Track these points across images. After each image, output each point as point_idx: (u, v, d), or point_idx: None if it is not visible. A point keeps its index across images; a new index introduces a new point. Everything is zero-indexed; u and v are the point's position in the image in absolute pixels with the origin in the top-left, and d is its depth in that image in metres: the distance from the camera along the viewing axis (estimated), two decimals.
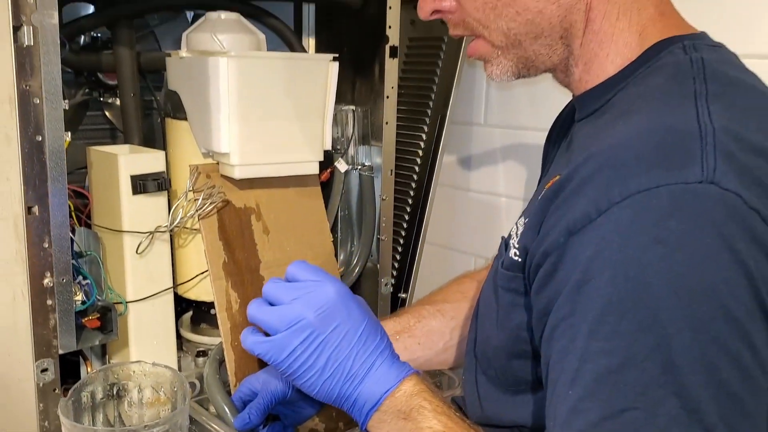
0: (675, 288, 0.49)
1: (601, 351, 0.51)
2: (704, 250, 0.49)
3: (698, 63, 0.61)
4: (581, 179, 0.55)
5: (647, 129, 0.56)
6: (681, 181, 0.51)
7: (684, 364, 0.48)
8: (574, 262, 0.53)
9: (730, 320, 0.49)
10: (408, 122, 1.44)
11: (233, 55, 1.02)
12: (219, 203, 1.10)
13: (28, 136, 0.88)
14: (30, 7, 0.85)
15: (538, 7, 0.66)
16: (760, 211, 0.51)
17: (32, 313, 0.91)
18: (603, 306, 0.51)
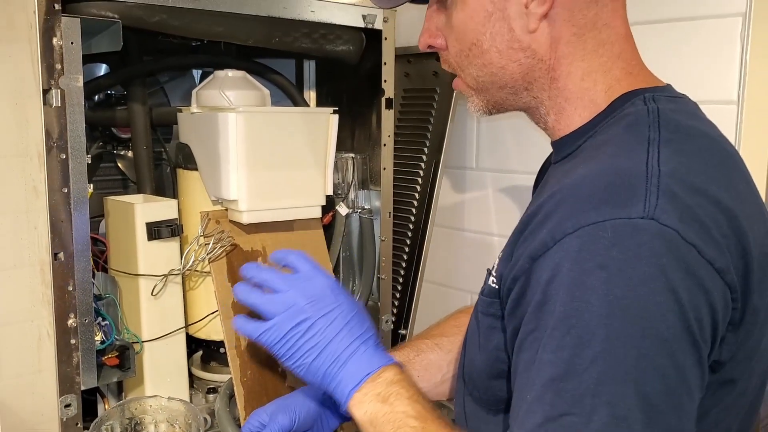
0: (612, 309, 0.55)
1: (550, 361, 0.57)
2: (640, 277, 0.55)
3: (654, 113, 0.68)
4: (545, 213, 0.63)
5: (601, 170, 0.63)
6: (625, 216, 0.57)
7: (615, 376, 0.54)
8: (536, 284, 0.60)
9: (659, 341, 0.55)
10: (404, 167, 1.53)
11: (241, 110, 1.11)
12: (228, 247, 1.18)
13: (55, 189, 0.96)
14: (58, 72, 0.95)
15: (501, 64, 0.74)
16: (696, 246, 0.57)
17: (57, 352, 0.98)
18: (554, 322, 0.58)
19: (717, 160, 0.66)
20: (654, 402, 0.55)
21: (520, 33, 0.73)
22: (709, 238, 0.58)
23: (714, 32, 1.13)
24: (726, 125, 1.13)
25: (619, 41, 0.73)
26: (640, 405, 0.54)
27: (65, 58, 0.95)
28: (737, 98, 1.11)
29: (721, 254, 0.59)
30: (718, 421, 0.66)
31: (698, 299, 0.57)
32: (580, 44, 0.72)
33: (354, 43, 1.31)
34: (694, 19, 1.15)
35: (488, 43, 0.74)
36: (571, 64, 0.73)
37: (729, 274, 0.59)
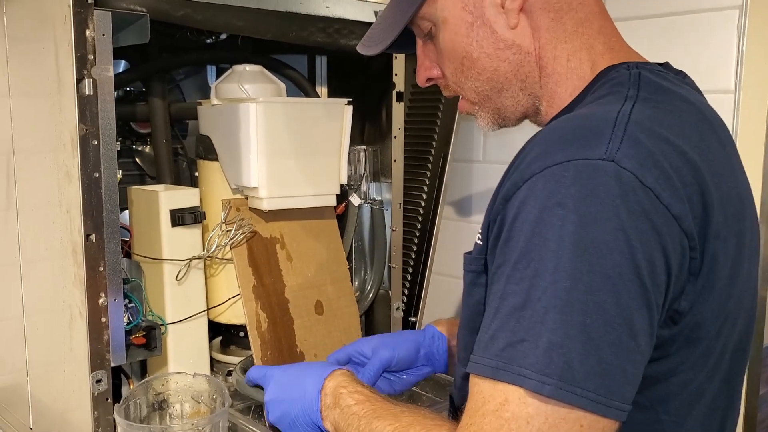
0: (564, 244, 0.59)
1: (512, 292, 0.62)
2: (594, 216, 0.59)
3: (636, 76, 0.72)
4: (520, 159, 0.67)
5: (575, 117, 0.68)
6: (586, 157, 0.61)
7: (560, 307, 0.59)
8: (506, 221, 0.64)
9: (604, 277, 0.58)
10: (414, 160, 1.57)
11: (261, 101, 1.16)
12: (248, 233, 1.22)
13: (87, 173, 1.01)
14: (90, 62, 1.00)
15: (493, 66, 0.79)
16: (654, 190, 0.60)
17: (89, 330, 1.03)
18: (517, 256, 0.62)
19: (691, 119, 0.69)
20: (592, 335, 0.58)
21: (503, 32, 0.77)
22: (669, 185, 0.61)
23: (712, 24, 1.18)
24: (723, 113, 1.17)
25: (596, 18, 0.77)
26: (579, 336, 0.58)
27: (97, 50, 1.00)
28: (734, 87, 1.16)
29: (680, 201, 0.62)
30: (687, 381, 0.69)
31: (650, 241, 0.60)
32: (560, 27, 0.76)
33: None
34: (693, 12, 1.21)
35: (477, 51, 0.78)
36: (556, 48, 0.77)
37: (686, 222, 0.62)
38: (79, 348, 1.05)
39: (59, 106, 1.03)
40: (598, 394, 0.58)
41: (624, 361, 0.59)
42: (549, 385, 0.58)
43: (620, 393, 0.59)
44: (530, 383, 0.59)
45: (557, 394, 0.58)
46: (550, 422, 0.58)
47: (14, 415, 1.29)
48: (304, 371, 0.92)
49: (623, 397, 0.60)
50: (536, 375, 0.58)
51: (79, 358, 1.05)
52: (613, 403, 0.59)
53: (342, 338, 1.31)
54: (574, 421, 0.59)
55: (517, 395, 0.59)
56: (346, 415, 0.83)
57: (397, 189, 1.48)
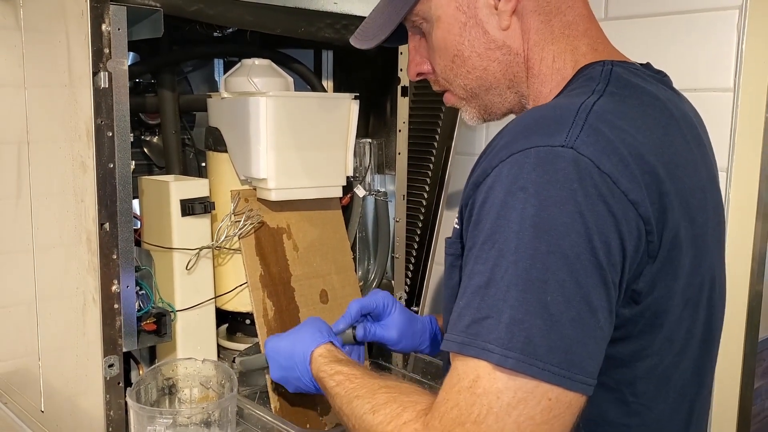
0: (524, 226, 0.63)
1: (479, 272, 0.65)
2: (553, 199, 0.63)
3: (607, 72, 0.75)
4: (491, 148, 0.71)
5: (541, 108, 0.71)
6: (547, 144, 0.64)
7: (521, 285, 0.62)
8: (475, 206, 0.68)
9: (562, 257, 0.62)
10: (417, 153, 1.60)
11: (271, 94, 1.19)
12: (256, 224, 1.25)
13: (102, 164, 1.04)
14: (106, 56, 1.02)
15: (483, 65, 0.82)
16: (611, 175, 0.63)
17: (102, 316, 1.06)
18: (483, 237, 0.65)
19: (655, 114, 0.72)
20: (552, 311, 0.62)
21: (494, 33, 0.80)
22: (626, 172, 0.64)
23: (712, 23, 1.21)
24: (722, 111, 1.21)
25: (583, 20, 0.80)
26: (539, 312, 0.62)
27: (113, 43, 1.02)
28: (733, 86, 1.19)
29: (637, 187, 0.65)
30: (653, 366, 0.72)
31: (606, 224, 0.63)
32: (548, 30, 0.79)
33: None
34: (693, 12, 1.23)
35: (468, 50, 0.81)
36: (543, 50, 0.79)
37: (643, 207, 0.65)
38: (92, 333, 1.08)
39: (74, 98, 1.06)
40: (561, 368, 0.61)
41: (585, 337, 0.63)
42: (511, 359, 0.61)
43: (582, 367, 0.62)
44: (494, 357, 0.62)
45: (520, 367, 0.61)
46: (519, 396, 0.61)
47: (26, 398, 1.32)
48: (293, 347, 1.04)
49: (586, 371, 0.63)
50: (499, 349, 0.62)
51: (92, 343, 1.08)
52: (576, 377, 0.62)
53: None
54: (542, 395, 0.61)
55: (486, 371, 0.62)
56: (330, 398, 0.91)
57: (401, 181, 1.51)
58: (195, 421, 1.04)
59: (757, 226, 1.27)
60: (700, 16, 1.22)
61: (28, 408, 1.31)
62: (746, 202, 1.24)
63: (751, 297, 1.32)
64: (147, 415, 1.01)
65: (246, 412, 1.15)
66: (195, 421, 1.04)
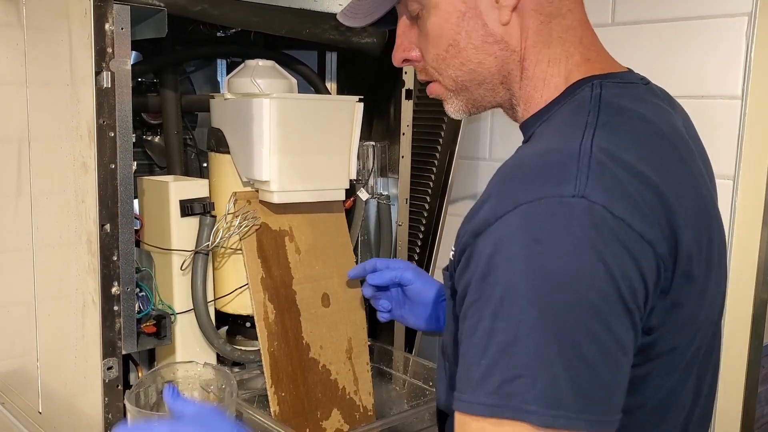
0: (548, 280, 0.61)
1: (501, 329, 0.63)
2: (572, 250, 0.61)
3: (596, 98, 0.73)
4: (488, 192, 0.68)
5: (539, 151, 0.69)
6: (557, 194, 0.62)
7: (553, 341, 0.60)
8: (480, 257, 0.65)
9: (591, 307, 0.61)
10: (420, 157, 1.59)
11: (275, 96, 1.18)
12: (255, 224, 1.24)
13: (103, 164, 1.03)
14: (109, 55, 1.01)
15: (478, 59, 0.79)
16: (625, 219, 0.62)
17: (102, 318, 1.05)
18: (500, 293, 0.63)
19: (650, 140, 0.71)
20: (591, 363, 0.61)
21: (493, 27, 0.77)
22: (638, 212, 0.63)
23: (721, 30, 1.20)
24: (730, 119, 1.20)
25: (581, 27, 0.78)
26: (578, 366, 0.61)
27: (116, 43, 1.01)
28: (741, 93, 1.18)
29: (650, 227, 0.64)
30: (661, 385, 0.71)
31: (628, 267, 0.62)
32: (547, 31, 0.76)
33: (377, 36, 1.38)
34: (702, 18, 1.22)
35: (465, 41, 0.78)
36: (540, 52, 0.77)
37: (659, 245, 0.64)
38: (91, 335, 1.07)
39: (76, 97, 1.05)
40: (603, 415, 0.61)
41: (621, 380, 0.63)
42: (560, 418, 0.60)
43: (618, 406, 0.63)
44: (538, 418, 0.60)
45: (567, 423, 0.60)
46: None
47: (24, 399, 1.31)
48: None
49: (619, 409, 0.63)
50: (543, 409, 0.60)
51: (91, 345, 1.07)
52: (614, 417, 0.62)
53: (347, 330, 1.33)
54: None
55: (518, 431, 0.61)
56: None
57: (404, 185, 1.50)
58: None
59: (763, 233, 1.26)
60: (709, 23, 1.21)
61: (26, 409, 1.30)
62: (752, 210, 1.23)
63: (756, 305, 1.31)
64: (143, 418, 1.00)
65: (245, 416, 1.15)
66: None
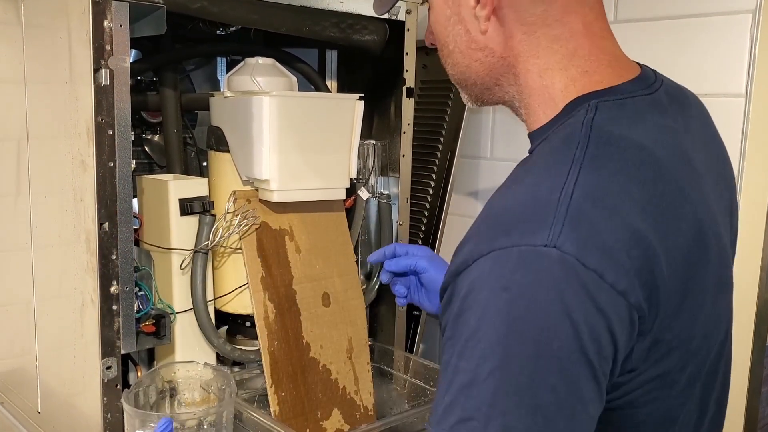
0: (511, 329, 0.61)
1: (462, 369, 0.63)
2: (539, 301, 0.60)
3: (587, 126, 0.70)
4: (474, 231, 0.68)
5: (520, 197, 0.68)
6: (530, 243, 0.62)
7: (509, 390, 0.60)
8: (456, 298, 0.65)
9: (551, 359, 0.60)
10: (421, 156, 1.59)
11: (275, 94, 1.17)
12: (254, 223, 1.24)
13: (102, 162, 1.02)
14: (107, 52, 1.01)
15: (465, 63, 0.78)
16: (596, 270, 0.61)
17: (100, 317, 1.04)
18: (468, 335, 0.63)
19: (641, 173, 0.68)
20: (546, 414, 0.60)
21: (475, 34, 0.76)
22: (612, 263, 0.62)
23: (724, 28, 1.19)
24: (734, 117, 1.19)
25: (574, 37, 0.74)
26: (532, 416, 0.60)
27: (114, 40, 1.01)
28: (745, 91, 1.17)
29: (625, 276, 0.62)
30: (655, 410, 0.70)
31: (595, 321, 0.61)
32: (533, 42, 0.74)
33: (378, 34, 1.37)
34: (706, 16, 1.21)
35: (452, 44, 0.78)
36: (528, 62, 0.75)
37: (633, 295, 0.63)
38: (90, 335, 1.06)
39: (75, 95, 1.04)
40: None
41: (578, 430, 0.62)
42: None
43: None
44: None
45: None
46: None
47: (22, 399, 1.30)
48: None
49: None
50: None
51: (90, 345, 1.06)
52: None
53: (348, 330, 1.32)
54: None
55: None
56: None
57: (405, 184, 1.49)
58: (189, 425, 1.02)
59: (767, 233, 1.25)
60: (713, 20, 1.20)
61: (25, 408, 1.29)
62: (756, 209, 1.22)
63: (759, 305, 1.30)
64: (139, 418, 0.99)
65: (245, 416, 1.14)
66: (189, 426, 1.02)
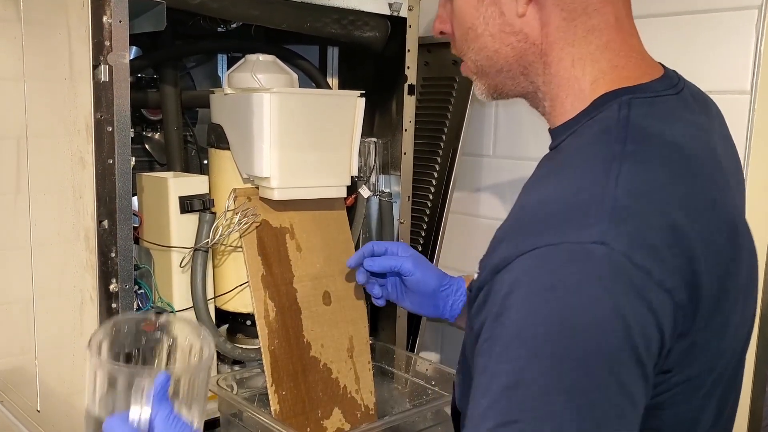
0: (560, 328, 0.59)
1: (504, 371, 0.61)
2: (588, 299, 0.59)
3: (623, 122, 0.69)
4: (511, 227, 0.67)
5: (562, 191, 0.66)
6: (577, 240, 0.61)
7: (560, 390, 0.58)
8: (496, 297, 0.64)
9: (602, 359, 0.59)
10: (423, 154, 1.58)
11: (275, 91, 1.16)
12: (254, 221, 1.23)
13: (101, 159, 1.01)
14: (107, 48, 1.00)
15: (495, 47, 0.77)
16: (644, 267, 0.60)
17: (99, 316, 1.03)
18: (510, 335, 0.61)
19: (679, 172, 0.68)
20: (596, 414, 0.59)
21: (511, 17, 0.75)
22: (659, 260, 0.61)
23: (730, 24, 1.18)
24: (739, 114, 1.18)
25: (608, 29, 0.74)
26: (581, 417, 0.58)
27: (114, 36, 1.00)
28: (750, 88, 1.16)
29: (671, 275, 0.62)
30: (679, 412, 0.69)
31: (645, 320, 0.60)
32: (570, 29, 0.73)
33: (380, 30, 1.36)
34: (711, 11, 1.20)
35: (482, 27, 0.76)
36: (562, 50, 0.74)
37: (678, 294, 0.62)
38: (89, 333, 1.05)
39: (74, 92, 1.03)
40: None
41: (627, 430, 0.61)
42: None
43: None
44: None
45: None
46: None
47: (22, 397, 1.30)
48: None
49: None
50: None
51: None
52: None
53: (348, 329, 1.32)
54: None
55: None
56: None
57: (406, 182, 1.48)
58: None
59: None
60: (717, 16, 1.19)
61: (24, 407, 1.29)
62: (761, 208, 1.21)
63: (763, 304, 1.29)
64: (123, 376, 0.77)
65: (245, 415, 1.13)
66: None
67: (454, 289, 1.12)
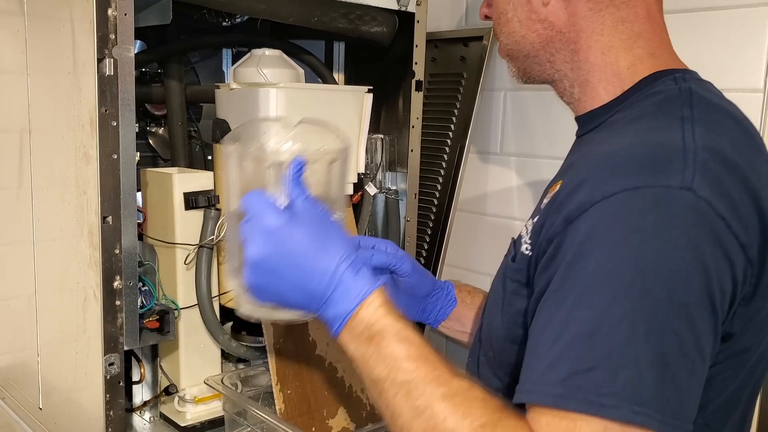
0: (642, 273, 0.58)
1: (578, 319, 0.60)
2: (672, 244, 0.59)
3: (686, 92, 0.71)
4: (579, 180, 0.65)
5: (639, 141, 0.66)
6: (663, 184, 0.60)
7: (642, 337, 0.58)
8: (570, 245, 0.63)
9: (681, 305, 0.58)
10: (430, 151, 1.56)
11: (282, 86, 1.15)
12: None
13: (105, 155, 1.00)
14: (112, 42, 0.98)
15: (522, 33, 0.80)
16: (725, 218, 0.60)
17: (103, 313, 1.02)
18: (586, 282, 0.60)
19: (741, 139, 0.69)
20: (669, 362, 0.58)
21: (536, 5, 0.78)
22: (736, 214, 0.61)
23: (741, 21, 1.16)
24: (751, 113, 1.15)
25: (638, 21, 0.76)
26: (656, 364, 0.58)
27: (119, 29, 0.98)
28: (763, 86, 1.15)
29: (746, 230, 0.62)
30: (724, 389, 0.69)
31: (723, 269, 0.60)
32: (598, 20, 0.76)
33: (387, 25, 1.34)
34: (722, 9, 1.18)
35: (512, 12, 0.80)
36: (591, 38, 0.76)
37: (751, 250, 0.62)
38: (92, 330, 1.04)
39: (78, 86, 1.02)
40: (676, 419, 0.58)
41: (696, 386, 0.60)
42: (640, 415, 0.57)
43: (691, 415, 0.60)
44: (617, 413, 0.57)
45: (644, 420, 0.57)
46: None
47: (24, 395, 1.28)
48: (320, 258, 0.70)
49: (691, 418, 0.60)
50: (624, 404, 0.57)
51: (92, 341, 1.04)
52: (685, 426, 0.59)
53: None
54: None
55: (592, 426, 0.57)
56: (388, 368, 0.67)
57: (413, 179, 1.46)
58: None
59: None
60: (729, 13, 1.17)
61: (26, 404, 1.27)
62: None
63: None
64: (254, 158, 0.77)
65: (250, 414, 1.12)
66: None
67: (444, 293, 1.08)
